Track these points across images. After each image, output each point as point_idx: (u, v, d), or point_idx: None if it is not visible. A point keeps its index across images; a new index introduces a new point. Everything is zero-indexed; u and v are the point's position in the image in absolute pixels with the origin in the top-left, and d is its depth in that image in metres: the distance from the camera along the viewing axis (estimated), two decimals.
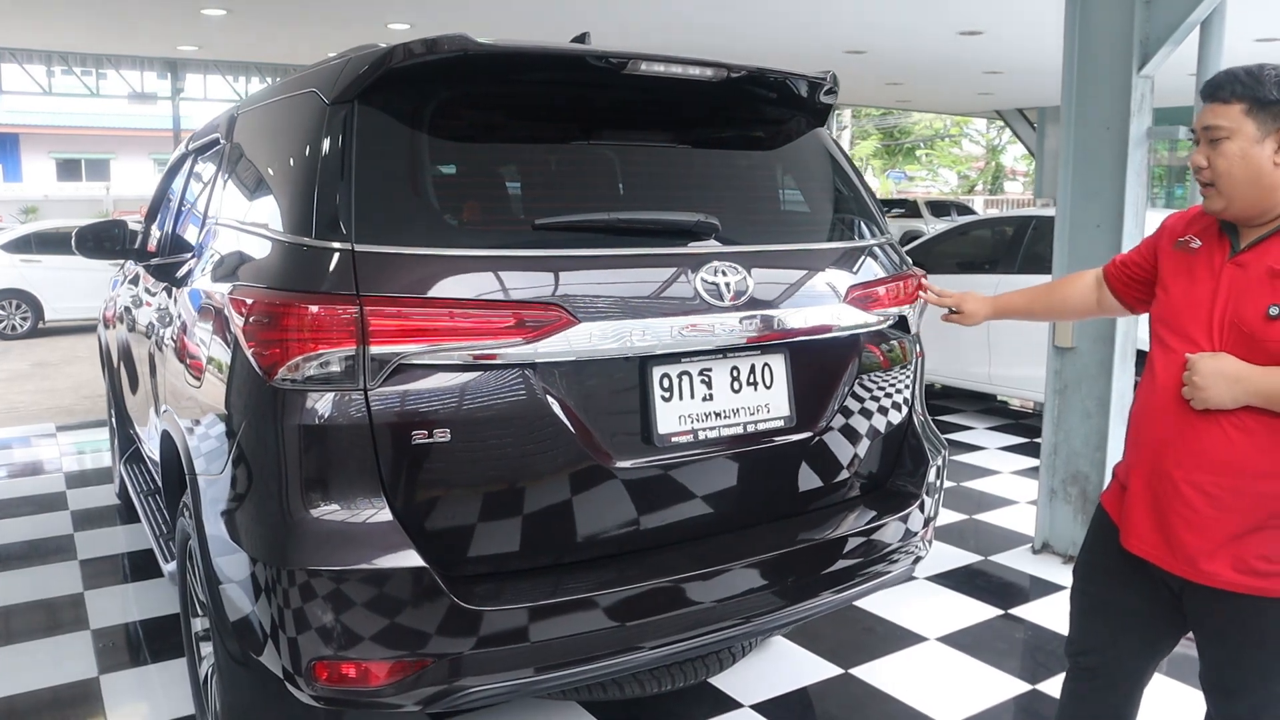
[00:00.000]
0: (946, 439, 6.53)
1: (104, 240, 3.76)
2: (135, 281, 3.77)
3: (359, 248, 1.96)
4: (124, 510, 4.91)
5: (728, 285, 2.26)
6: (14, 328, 12.48)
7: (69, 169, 33.53)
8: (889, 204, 20.78)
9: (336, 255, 1.96)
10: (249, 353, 2.02)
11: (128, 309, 3.86)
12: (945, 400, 7.50)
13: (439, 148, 2.18)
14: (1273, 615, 1.78)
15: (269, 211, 2.24)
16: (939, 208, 20.90)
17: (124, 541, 4.54)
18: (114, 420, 4.79)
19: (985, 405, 7.42)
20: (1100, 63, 3.98)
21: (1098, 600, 2.03)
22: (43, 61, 16.20)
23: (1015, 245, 6.58)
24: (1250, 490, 1.73)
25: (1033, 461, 5.76)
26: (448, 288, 1.99)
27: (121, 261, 4.34)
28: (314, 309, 1.93)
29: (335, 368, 1.93)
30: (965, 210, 20.66)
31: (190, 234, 3.02)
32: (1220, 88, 1.77)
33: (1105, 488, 2.08)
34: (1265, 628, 1.79)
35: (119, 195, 24.73)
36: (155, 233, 3.77)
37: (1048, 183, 18.93)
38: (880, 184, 37.81)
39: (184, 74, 17.03)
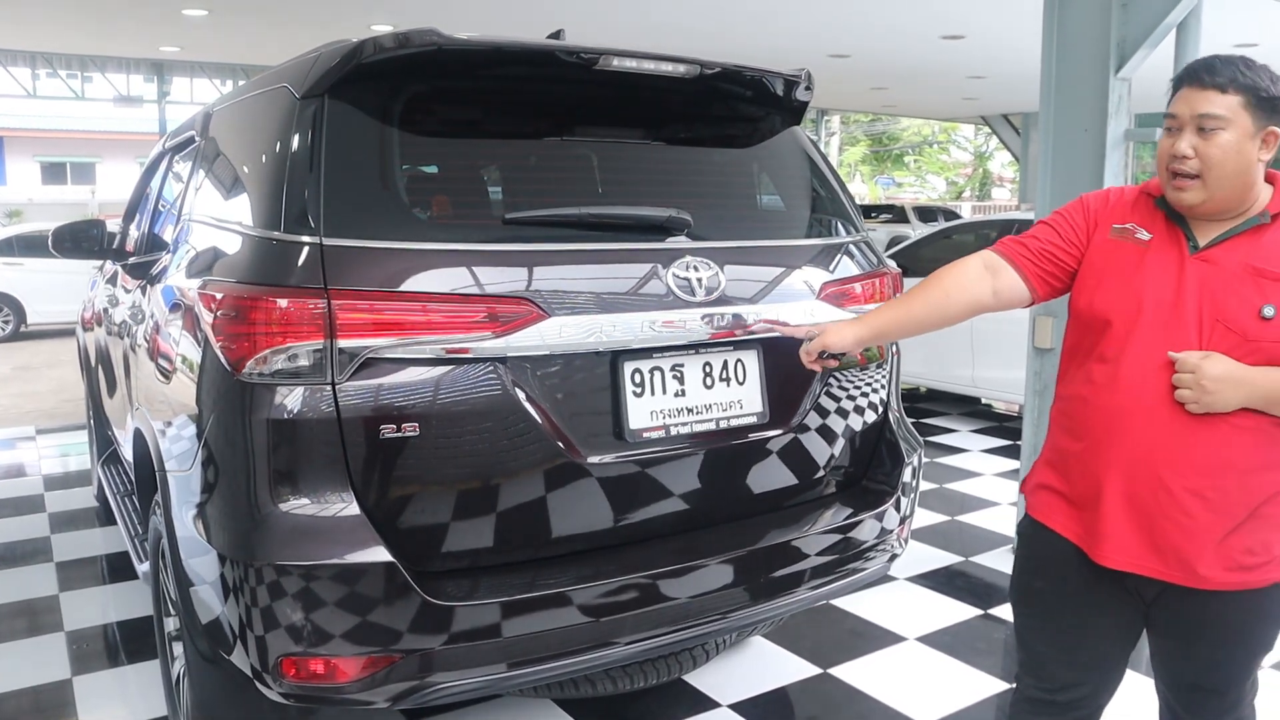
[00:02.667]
0: (930, 441, 6.53)
1: (81, 240, 3.73)
2: (113, 281, 3.75)
3: (327, 241, 1.96)
4: (102, 512, 4.88)
5: (700, 281, 2.26)
6: None
7: (54, 172, 33.35)
8: (877, 209, 20.85)
9: (305, 249, 1.95)
10: (217, 347, 2.01)
11: (105, 309, 3.84)
12: (929, 403, 7.51)
13: (410, 142, 2.17)
14: (1255, 605, 1.76)
15: (240, 206, 2.23)
16: (926, 213, 20.98)
17: (101, 543, 4.51)
18: (92, 422, 4.76)
19: (969, 408, 7.44)
20: (1078, 65, 4.00)
21: (1072, 631, 1.89)
22: (27, 64, 16.13)
23: None
24: (1239, 488, 1.69)
25: (1016, 464, 5.78)
26: (417, 281, 1.99)
27: (100, 262, 4.31)
28: (282, 302, 1.92)
29: (303, 361, 1.92)
30: (952, 216, 20.74)
31: (166, 232, 3.00)
32: (1217, 73, 1.65)
33: (1031, 504, 1.93)
34: (1247, 619, 1.77)
35: (104, 199, 24.61)
36: (133, 232, 3.75)
37: (1033, 188, 18.92)
38: (869, 190, 37.94)
39: (170, 77, 16.97)
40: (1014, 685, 2.03)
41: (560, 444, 2.11)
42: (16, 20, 10.43)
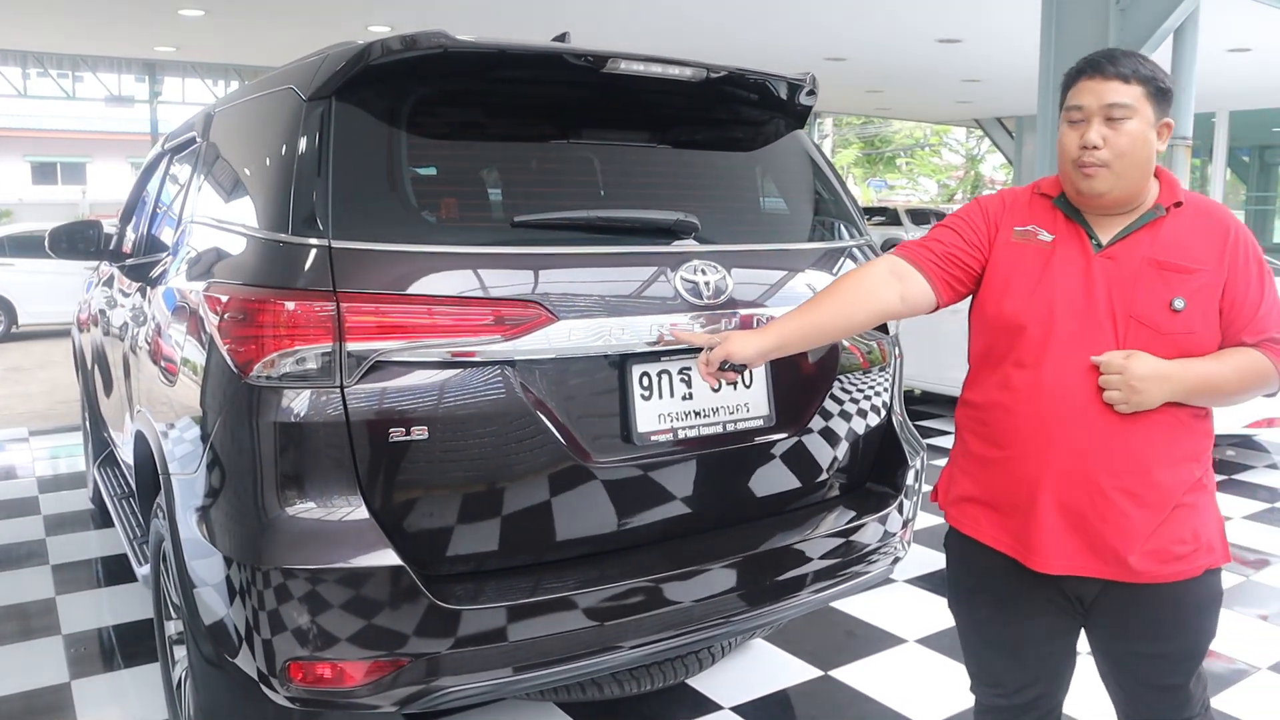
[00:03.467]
0: (926, 444, 6.56)
1: (78, 241, 3.72)
2: (109, 283, 3.73)
3: (336, 244, 1.95)
4: (97, 515, 4.85)
5: (707, 284, 2.26)
6: None
7: (44, 172, 33.21)
8: (870, 211, 20.88)
9: (313, 251, 1.95)
10: (224, 350, 2.00)
11: (102, 311, 3.82)
12: (925, 405, 7.53)
13: (417, 144, 2.17)
14: (1191, 594, 1.76)
15: (245, 209, 2.22)
16: (919, 215, 21.03)
17: (97, 546, 4.49)
18: (88, 424, 4.73)
19: None
20: None
21: (1015, 637, 1.89)
22: (18, 63, 16.08)
23: None
24: (1161, 482, 1.70)
25: None
26: (426, 284, 1.98)
27: (96, 264, 4.29)
28: (290, 305, 1.91)
29: (311, 365, 1.91)
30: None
31: (166, 234, 2.99)
32: (1120, 64, 1.68)
33: (954, 517, 1.94)
34: (1187, 609, 1.77)
35: (95, 199, 24.52)
36: (130, 234, 3.73)
37: None
38: (861, 192, 38.03)
39: (162, 77, 16.93)
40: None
41: (569, 447, 2.10)
42: (12, 18, 10.38)
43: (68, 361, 5.23)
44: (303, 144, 2.06)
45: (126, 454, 3.19)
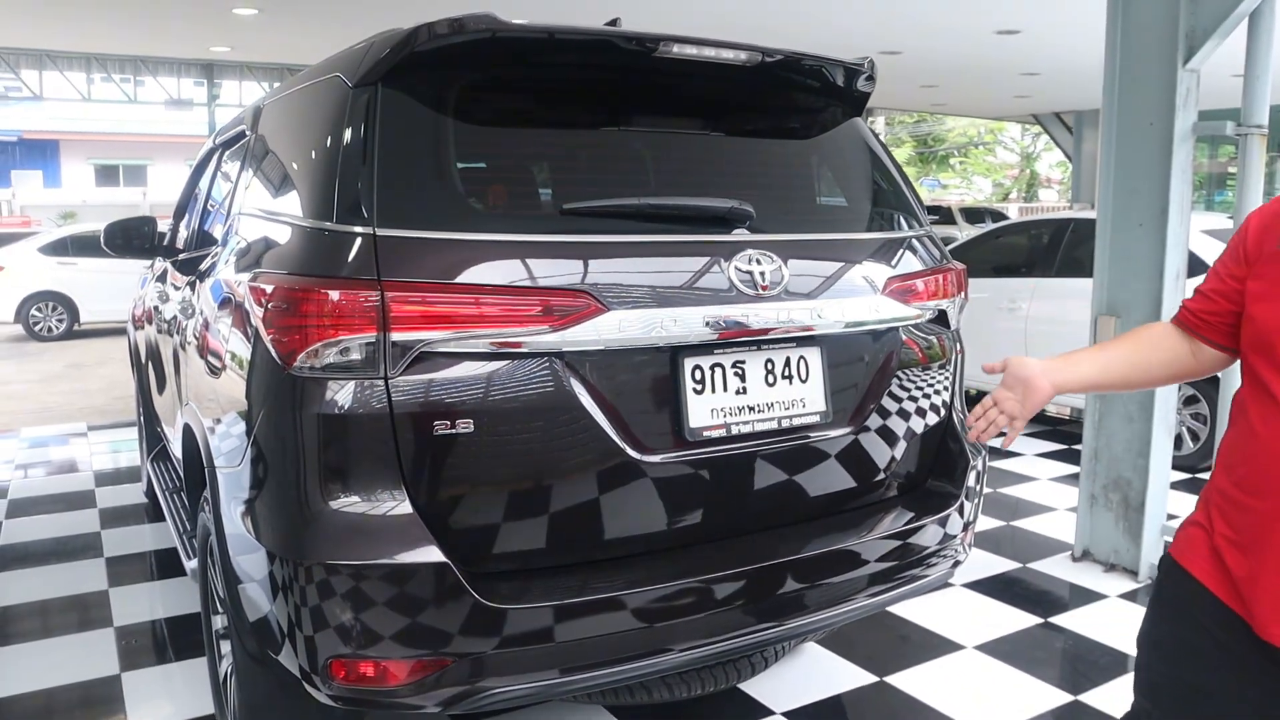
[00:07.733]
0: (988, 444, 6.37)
1: (133, 237, 3.76)
2: (163, 278, 3.75)
3: (381, 232, 1.90)
4: (151, 508, 4.91)
5: (762, 274, 2.18)
6: (50, 329, 12.65)
7: (107, 175, 34.04)
8: None
9: (358, 240, 1.90)
10: (268, 340, 1.96)
11: (155, 307, 3.85)
12: None
13: (464, 131, 2.11)
14: None
15: (292, 198, 2.20)
16: (973, 214, 20.68)
17: (150, 539, 4.53)
18: (142, 418, 4.79)
19: None
20: (1144, 56, 3.87)
21: (1197, 697, 1.54)
22: (82, 68, 16.45)
23: (1054, 248, 6.44)
24: None
25: (1070, 468, 5.63)
26: (472, 273, 1.93)
27: (151, 261, 4.33)
28: (334, 294, 1.87)
29: (356, 355, 1.87)
30: (1000, 217, 20.42)
31: (216, 227, 2.99)
32: None
33: (1184, 543, 1.59)
34: None
35: (156, 200, 25.04)
36: (183, 229, 3.76)
37: (1085, 188, 18.68)
38: None
39: (219, 80, 17.24)
40: None
41: (619, 442, 2.04)
42: (72, 20, 10.61)
43: (126, 358, 5.31)
44: (348, 132, 2.02)
45: (176, 448, 3.19)
